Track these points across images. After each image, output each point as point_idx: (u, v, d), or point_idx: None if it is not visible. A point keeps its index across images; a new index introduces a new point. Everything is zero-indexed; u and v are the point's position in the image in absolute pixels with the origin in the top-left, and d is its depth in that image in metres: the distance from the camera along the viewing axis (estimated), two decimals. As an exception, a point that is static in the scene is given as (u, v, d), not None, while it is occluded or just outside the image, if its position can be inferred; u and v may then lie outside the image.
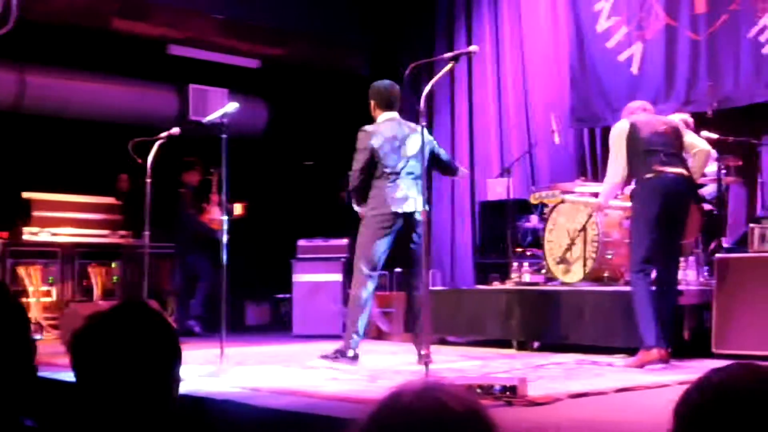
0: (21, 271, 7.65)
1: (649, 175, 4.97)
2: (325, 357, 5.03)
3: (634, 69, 7.58)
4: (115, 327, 1.66)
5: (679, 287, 5.52)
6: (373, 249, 5.14)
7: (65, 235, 8.01)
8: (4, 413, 1.63)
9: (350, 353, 5.02)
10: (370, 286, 5.13)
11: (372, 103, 5.44)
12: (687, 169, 5.07)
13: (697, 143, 5.22)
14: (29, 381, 1.69)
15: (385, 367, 5.15)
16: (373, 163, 5.21)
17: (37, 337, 5.87)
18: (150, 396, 1.64)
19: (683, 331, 5.38)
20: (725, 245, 5.96)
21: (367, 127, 5.32)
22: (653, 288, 4.98)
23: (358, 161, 5.25)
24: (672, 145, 5.08)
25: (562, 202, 6.19)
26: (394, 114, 5.42)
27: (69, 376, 4.39)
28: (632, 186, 5.23)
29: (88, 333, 1.66)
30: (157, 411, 1.65)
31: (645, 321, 4.84)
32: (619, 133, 5.15)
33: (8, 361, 1.66)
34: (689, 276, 5.80)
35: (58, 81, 8.52)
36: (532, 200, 6.54)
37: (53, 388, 4.23)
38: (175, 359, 1.69)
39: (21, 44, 7.94)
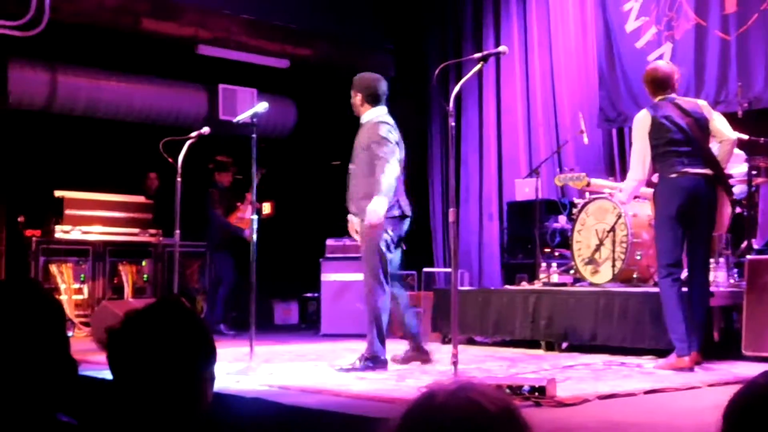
0: (53, 268, 7.77)
1: (671, 176, 4.84)
2: (351, 369, 4.85)
3: (664, 69, 7.52)
4: (151, 324, 1.67)
5: (710, 289, 5.49)
6: (388, 253, 5.03)
7: (96, 233, 8.11)
8: (42, 409, 1.66)
9: (382, 358, 4.97)
10: (387, 291, 5.02)
11: (359, 96, 5.12)
12: (712, 165, 4.89)
13: (724, 131, 5.01)
14: (68, 378, 1.72)
15: (413, 366, 5.16)
16: None
17: (69, 333, 5.95)
18: (184, 393, 1.66)
19: (713, 332, 5.34)
20: (755, 246, 5.90)
21: (389, 120, 5.09)
22: (684, 290, 4.87)
23: (393, 153, 4.94)
24: (695, 142, 4.88)
25: (588, 185, 5.91)
26: (385, 109, 5.17)
27: (102, 374, 4.46)
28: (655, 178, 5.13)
29: (124, 330, 1.69)
30: (191, 408, 1.67)
31: (675, 329, 4.75)
32: (640, 126, 4.93)
33: (46, 357, 1.69)
34: (719, 277, 5.75)
35: (89, 81, 8.63)
36: (556, 182, 6.32)
37: (86, 385, 4.30)
38: (210, 357, 1.71)
39: (52, 45, 8.05)
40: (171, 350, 1.65)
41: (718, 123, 5.04)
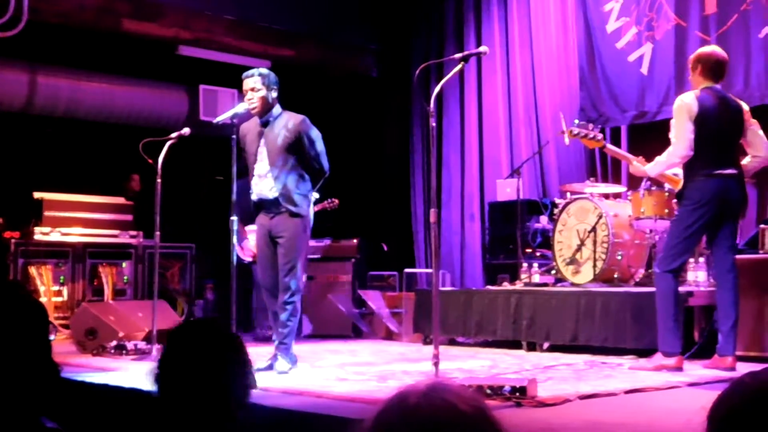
0: (32, 270, 7.70)
1: (703, 177, 4.68)
2: (282, 371, 4.83)
3: (644, 69, 7.57)
4: (197, 344, 1.82)
5: (689, 288, 5.52)
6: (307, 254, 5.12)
7: (76, 234, 8.05)
8: (25, 414, 1.64)
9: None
10: None
11: (275, 93, 5.02)
12: (738, 166, 4.79)
13: (762, 145, 4.85)
14: (50, 382, 1.70)
15: (395, 367, 5.16)
16: None
17: (51, 337, 5.91)
18: (220, 409, 1.77)
19: (693, 332, 5.37)
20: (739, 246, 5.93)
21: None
22: (679, 289, 4.84)
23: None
24: (730, 144, 4.78)
25: (603, 147, 5.43)
26: None
27: (82, 376, 4.41)
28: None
29: (172, 353, 1.82)
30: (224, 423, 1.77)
31: (668, 325, 4.70)
32: (686, 110, 4.69)
33: (28, 361, 1.67)
34: (699, 277, 5.78)
35: (69, 82, 8.57)
36: (568, 135, 5.51)
37: (67, 387, 4.26)
38: (248, 374, 1.87)
39: (32, 45, 7.99)
40: (216, 369, 1.79)
41: (755, 133, 4.85)
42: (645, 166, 5.12)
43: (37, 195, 8.01)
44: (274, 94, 5.02)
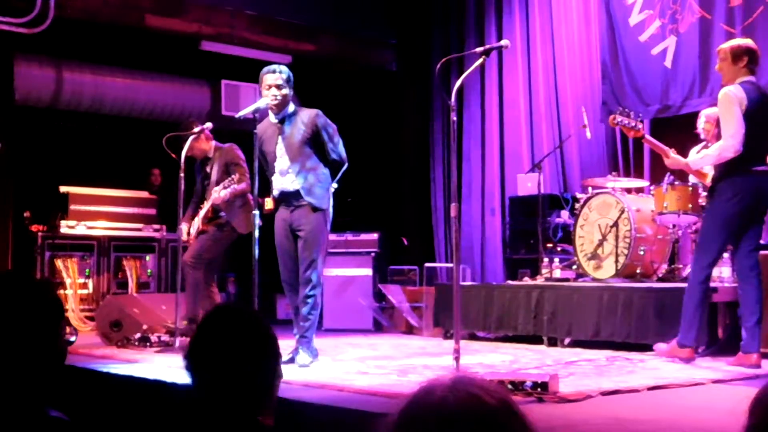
0: (59, 263, 7.80)
1: (740, 173, 4.60)
2: (303, 365, 4.86)
3: (668, 63, 7.51)
4: (230, 329, 1.81)
5: (714, 284, 5.47)
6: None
7: (101, 228, 8.15)
8: (30, 404, 1.65)
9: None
10: None
11: (292, 91, 5.10)
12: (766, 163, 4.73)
13: None
14: (56, 373, 1.72)
15: (415, 361, 5.17)
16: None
17: (72, 339, 5.98)
18: (255, 398, 1.81)
19: (717, 329, 5.33)
20: (762, 242, 5.88)
21: None
22: (709, 288, 4.85)
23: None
24: (764, 139, 4.70)
25: (642, 138, 5.33)
26: None
27: (109, 368, 4.46)
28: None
29: (204, 337, 1.81)
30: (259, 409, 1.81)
31: (690, 320, 4.72)
32: (735, 101, 4.56)
33: (36, 352, 1.69)
34: (724, 273, 5.73)
35: (94, 77, 8.65)
36: (610, 122, 5.54)
37: (87, 378, 4.31)
38: (277, 363, 1.87)
39: (58, 41, 8.07)
40: (248, 355, 1.80)
41: None
42: (687, 159, 5.05)
43: (63, 189, 8.10)
44: (292, 93, 5.10)
